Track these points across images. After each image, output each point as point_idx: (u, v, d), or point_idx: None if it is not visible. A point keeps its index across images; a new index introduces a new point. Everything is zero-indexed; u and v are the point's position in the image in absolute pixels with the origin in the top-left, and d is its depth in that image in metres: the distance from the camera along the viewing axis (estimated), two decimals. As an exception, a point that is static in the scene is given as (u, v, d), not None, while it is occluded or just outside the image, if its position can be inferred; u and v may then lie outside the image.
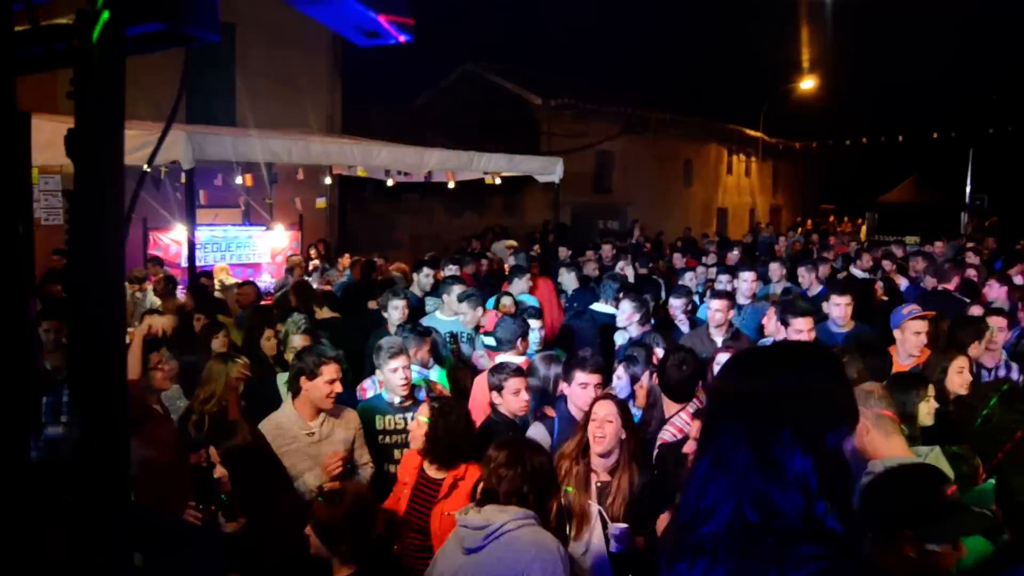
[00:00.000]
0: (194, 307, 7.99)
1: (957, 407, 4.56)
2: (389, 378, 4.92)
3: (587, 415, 4.06)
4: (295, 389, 4.55)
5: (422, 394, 5.06)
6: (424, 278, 8.62)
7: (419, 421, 3.98)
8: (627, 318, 6.87)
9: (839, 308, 6.62)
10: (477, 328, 7.08)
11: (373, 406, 5.00)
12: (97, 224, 1.17)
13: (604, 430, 3.89)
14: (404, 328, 6.04)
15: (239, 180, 10.47)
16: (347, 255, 12.41)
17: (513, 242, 15.20)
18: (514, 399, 4.71)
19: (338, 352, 4.75)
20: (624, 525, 3.66)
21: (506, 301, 7.66)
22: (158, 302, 9.37)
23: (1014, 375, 5.96)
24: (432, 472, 3.98)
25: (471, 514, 3.02)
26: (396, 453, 4.79)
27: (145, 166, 1.86)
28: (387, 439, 4.88)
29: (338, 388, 4.51)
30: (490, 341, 6.39)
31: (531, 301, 7.92)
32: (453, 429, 3.93)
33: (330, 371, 4.48)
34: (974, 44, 35.19)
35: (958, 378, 4.98)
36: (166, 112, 1.73)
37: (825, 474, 1.53)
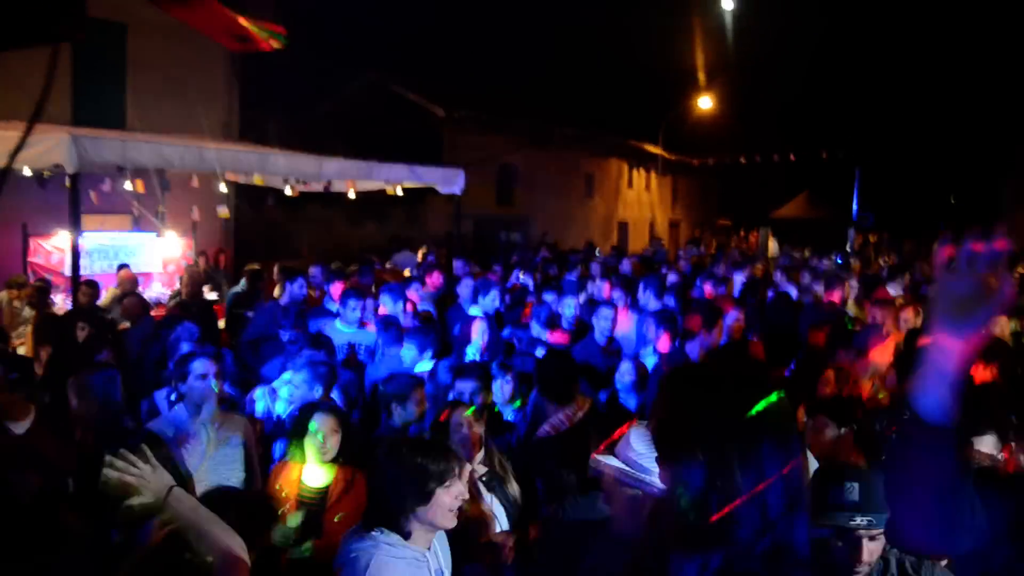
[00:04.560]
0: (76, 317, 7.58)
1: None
2: None
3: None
4: (180, 395, 4.40)
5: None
6: (298, 288, 8.37)
7: (324, 434, 3.96)
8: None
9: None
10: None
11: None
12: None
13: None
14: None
15: (128, 186, 9.96)
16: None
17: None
18: (416, 409, 4.74)
19: (207, 348, 4.77)
20: None
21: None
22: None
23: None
24: (314, 482, 3.97)
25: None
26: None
27: (11, 160, 1.72)
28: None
29: (211, 381, 4.32)
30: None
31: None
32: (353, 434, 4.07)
33: (200, 366, 4.32)
34: (861, 68, 37.00)
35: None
36: (53, 115, 1.64)
37: None
